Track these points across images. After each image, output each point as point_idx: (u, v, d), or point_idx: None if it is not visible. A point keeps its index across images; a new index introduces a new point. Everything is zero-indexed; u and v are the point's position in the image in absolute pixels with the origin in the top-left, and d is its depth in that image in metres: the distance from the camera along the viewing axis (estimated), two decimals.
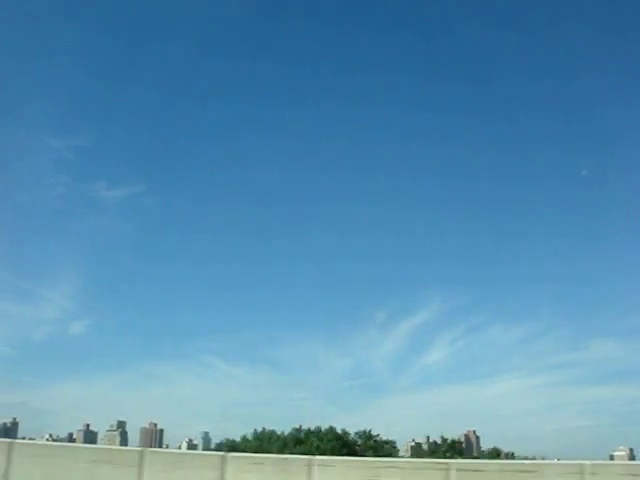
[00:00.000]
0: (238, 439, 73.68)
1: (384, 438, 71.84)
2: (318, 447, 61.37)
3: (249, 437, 72.09)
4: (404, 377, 78.15)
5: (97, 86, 72.43)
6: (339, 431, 67.28)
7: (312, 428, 65.25)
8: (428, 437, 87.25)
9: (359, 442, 69.12)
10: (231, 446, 71.43)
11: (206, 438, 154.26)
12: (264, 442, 66.69)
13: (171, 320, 76.78)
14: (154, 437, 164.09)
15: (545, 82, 76.17)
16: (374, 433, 71.51)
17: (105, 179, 78.94)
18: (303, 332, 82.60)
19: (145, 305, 73.36)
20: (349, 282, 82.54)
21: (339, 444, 65.20)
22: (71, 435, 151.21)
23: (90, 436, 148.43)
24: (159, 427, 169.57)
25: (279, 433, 67.86)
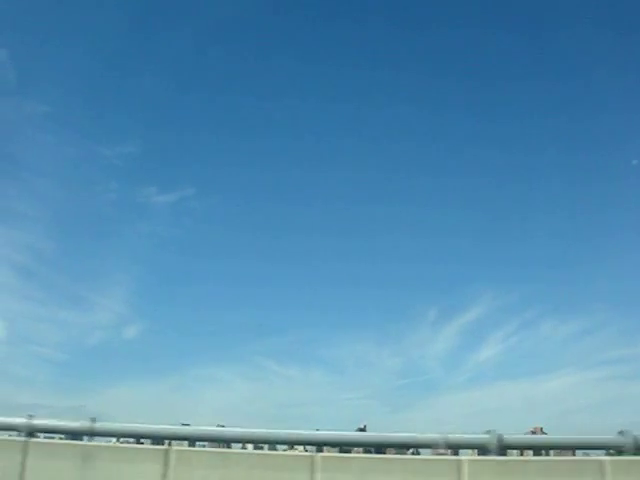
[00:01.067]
0: None
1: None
2: None
3: None
4: (457, 375, 76.77)
5: (144, 93, 74.06)
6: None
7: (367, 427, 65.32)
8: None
9: None
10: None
11: None
12: None
13: (223, 322, 77.97)
14: None
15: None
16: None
17: (155, 184, 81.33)
18: (355, 332, 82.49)
19: (196, 308, 75.26)
20: (400, 281, 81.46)
21: None
22: None
23: None
24: None
25: None
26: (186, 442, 8.86)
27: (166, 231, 75.79)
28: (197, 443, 8.91)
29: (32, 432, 8.64)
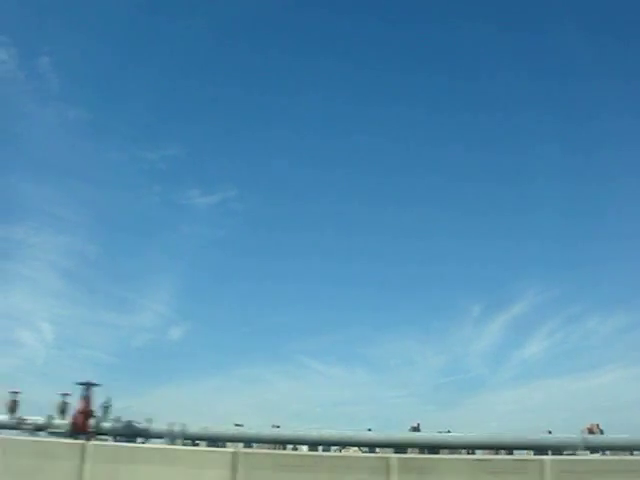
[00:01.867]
0: None
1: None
2: None
3: None
4: (501, 372, 75.07)
5: (186, 96, 74.50)
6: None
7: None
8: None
9: None
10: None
11: None
12: None
13: (267, 322, 78.12)
14: None
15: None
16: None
17: (198, 187, 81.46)
18: (398, 330, 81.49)
19: (240, 308, 75.24)
20: (444, 279, 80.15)
21: None
22: None
23: None
24: None
25: None
26: (241, 444, 8.67)
27: (209, 233, 76.26)
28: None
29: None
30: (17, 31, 70.16)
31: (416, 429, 12.00)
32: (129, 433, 9.05)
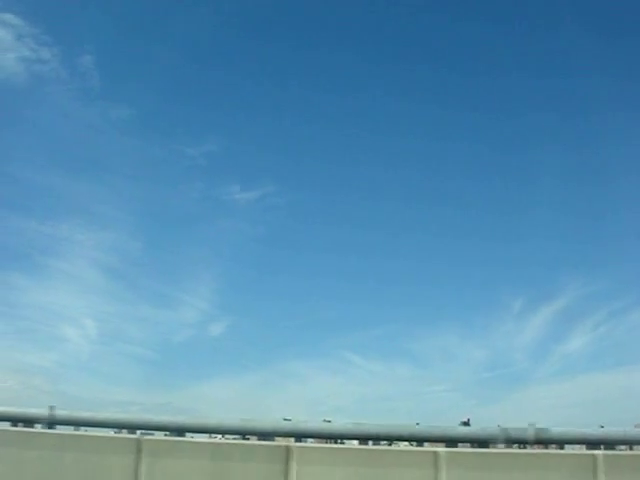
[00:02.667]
0: None
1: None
2: None
3: None
4: (544, 366, 73.85)
5: (227, 90, 75.19)
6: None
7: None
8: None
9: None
10: None
11: None
12: None
13: (308, 317, 78.62)
14: None
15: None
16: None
17: (238, 182, 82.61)
18: (439, 325, 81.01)
19: (281, 303, 75.96)
20: (483, 272, 79.36)
21: None
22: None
23: None
24: None
25: None
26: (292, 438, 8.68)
27: (249, 228, 76.92)
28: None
29: None
30: (59, 30, 71.59)
31: (466, 424, 11.90)
32: None
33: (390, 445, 9.15)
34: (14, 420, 8.92)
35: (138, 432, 8.47)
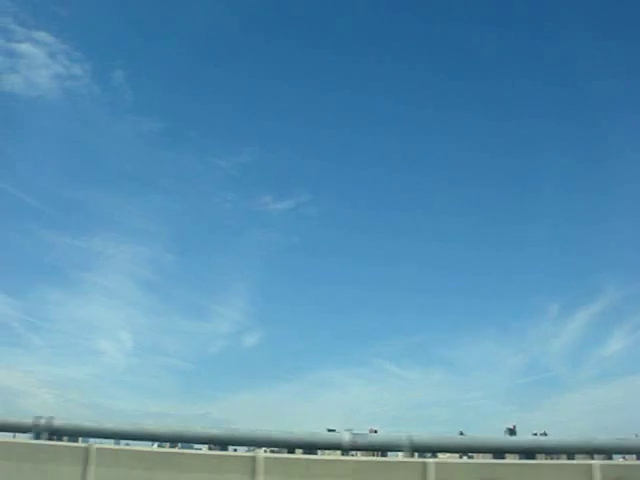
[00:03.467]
0: None
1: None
2: None
3: None
4: (582, 371, 72.67)
5: (258, 103, 76.31)
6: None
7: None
8: None
9: None
10: None
11: None
12: None
13: (342, 326, 78.72)
14: None
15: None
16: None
17: (270, 192, 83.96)
18: (475, 332, 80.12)
19: (315, 313, 76.27)
20: (519, 276, 78.23)
21: None
22: None
23: None
24: None
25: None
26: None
27: (283, 238, 77.84)
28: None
29: None
30: (90, 46, 73.33)
31: (512, 432, 11.32)
32: None
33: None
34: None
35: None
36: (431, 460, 6.56)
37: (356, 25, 68.43)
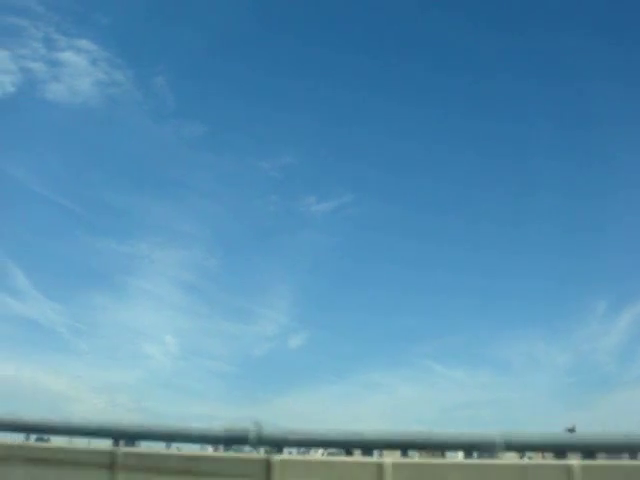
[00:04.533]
0: None
1: None
2: None
3: None
4: (632, 369, 69.42)
5: (298, 102, 76.16)
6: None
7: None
8: None
9: None
10: None
11: None
12: None
13: (388, 327, 77.74)
14: None
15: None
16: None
17: (314, 193, 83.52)
18: (522, 330, 77.78)
19: (360, 314, 75.53)
20: (567, 275, 75.50)
21: None
22: None
23: None
24: None
25: None
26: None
27: (326, 239, 77.25)
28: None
29: None
30: (131, 53, 74.66)
31: (572, 431, 11.21)
32: None
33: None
34: None
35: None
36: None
37: (399, 26, 67.82)
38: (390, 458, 6.76)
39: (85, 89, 68.30)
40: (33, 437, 8.05)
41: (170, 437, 7.52)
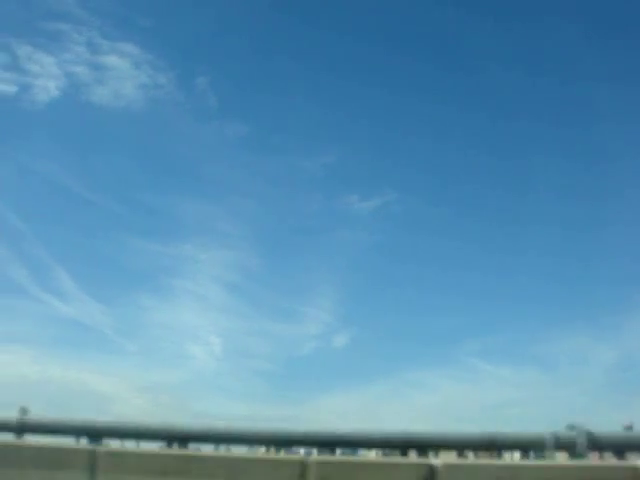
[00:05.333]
0: None
1: None
2: None
3: None
4: None
5: (339, 102, 74.50)
6: None
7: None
8: None
9: None
10: None
11: None
12: None
13: (431, 326, 76.12)
14: None
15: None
16: None
17: (356, 192, 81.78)
18: (568, 326, 74.75)
19: (404, 312, 73.91)
20: (613, 268, 72.50)
21: None
22: None
23: None
24: None
25: None
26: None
27: (369, 238, 76.33)
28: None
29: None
30: (174, 55, 75.81)
31: (629, 428, 10.66)
32: None
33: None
34: None
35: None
36: None
37: (451, 29, 67.07)
38: (442, 459, 6.42)
39: (128, 92, 69.41)
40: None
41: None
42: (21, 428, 8.28)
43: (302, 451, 8.29)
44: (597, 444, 7.23)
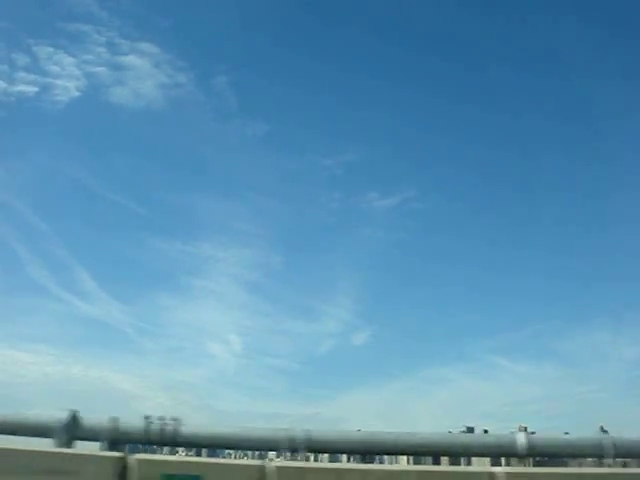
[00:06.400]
0: None
1: None
2: None
3: None
4: None
5: (358, 102, 75.38)
6: None
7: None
8: None
9: None
10: None
11: None
12: None
13: (450, 323, 76.11)
14: None
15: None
16: None
17: (376, 189, 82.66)
18: (589, 323, 74.97)
19: (424, 310, 74.14)
20: (631, 268, 72.02)
21: None
22: None
23: None
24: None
25: None
26: None
27: (389, 235, 76.61)
28: None
29: None
30: (194, 54, 76.67)
31: None
32: None
33: None
34: None
35: None
36: None
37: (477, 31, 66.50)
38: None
39: (148, 92, 70.06)
40: None
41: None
42: None
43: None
44: None
